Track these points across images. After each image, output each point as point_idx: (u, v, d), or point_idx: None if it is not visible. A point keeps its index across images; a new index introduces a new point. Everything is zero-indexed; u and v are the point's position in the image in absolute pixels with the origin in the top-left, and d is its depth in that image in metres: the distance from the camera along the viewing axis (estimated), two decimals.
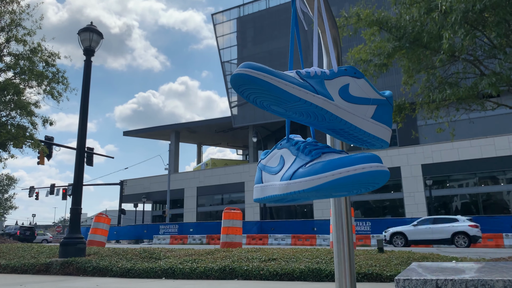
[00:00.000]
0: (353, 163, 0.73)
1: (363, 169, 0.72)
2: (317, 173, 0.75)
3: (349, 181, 0.72)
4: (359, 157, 0.74)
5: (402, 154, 26.38)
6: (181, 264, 5.27)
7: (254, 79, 0.74)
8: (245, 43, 36.53)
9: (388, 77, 24.98)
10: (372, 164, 0.72)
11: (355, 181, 0.72)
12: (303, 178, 0.77)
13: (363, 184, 0.75)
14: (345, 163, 0.74)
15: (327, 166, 0.75)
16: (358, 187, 0.77)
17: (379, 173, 0.72)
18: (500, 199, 24.89)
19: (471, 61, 8.53)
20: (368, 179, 0.72)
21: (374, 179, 0.73)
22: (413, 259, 5.09)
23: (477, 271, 1.54)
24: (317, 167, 0.77)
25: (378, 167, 0.72)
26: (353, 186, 0.75)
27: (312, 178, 0.76)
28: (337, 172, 0.73)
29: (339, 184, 0.73)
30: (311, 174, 0.76)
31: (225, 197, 34.63)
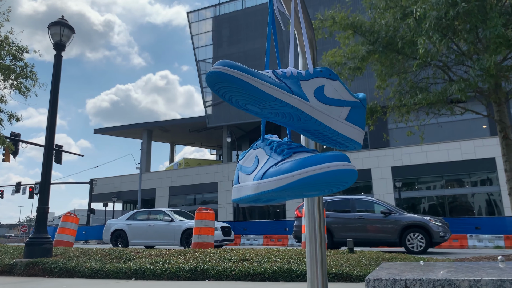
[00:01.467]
0: (319, 162, 0.72)
1: (328, 168, 0.71)
2: (285, 173, 0.75)
3: (315, 180, 0.72)
4: (326, 156, 0.73)
5: (373, 156, 26.92)
6: (151, 265, 5.19)
7: (229, 77, 0.73)
8: (220, 42, 36.40)
9: (361, 80, 25.45)
10: (337, 163, 0.72)
11: (321, 180, 0.72)
12: (272, 178, 0.77)
13: (330, 183, 0.74)
14: (311, 162, 0.73)
15: (294, 165, 0.75)
16: (326, 187, 0.76)
17: (345, 172, 0.71)
18: (465, 201, 25.77)
19: (440, 67, 8.80)
20: (334, 178, 0.71)
21: (340, 178, 0.72)
22: (382, 260, 5.19)
23: (443, 271, 1.59)
24: (285, 166, 0.76)
25: (344, 166, 0.72)
26: (320, 186, 0.74)
27: (280, 178, 0.75)
28: (303, 171, 0.72)
29: (305, 184, 0.72)
30: (279, 174, 0.76)
31: (198, 197, 34.39)
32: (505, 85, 8.62)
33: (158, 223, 12.91)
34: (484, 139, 24.56)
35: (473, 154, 24.56)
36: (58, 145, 25.59)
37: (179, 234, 12.28)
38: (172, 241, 12.36)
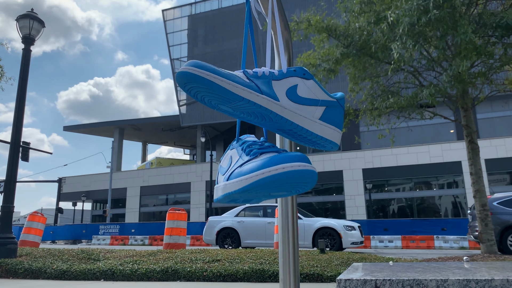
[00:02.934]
0: (277, 163, 0.72)
1: (283, 169, 0.71)
2: (246, 174, 0.75)
3: (272, 181, 0.71)
4: (285, 156, 0.73)
5: (345, 158, 27.35)
6: (121, 266, 5.09)
7: (197, 78, 0.73)
8: (195, 41, 36.16)
9: (335, 83, 25.82)
10: (294, 163, 0.71)
11: (278, 181, 0.71)
12: (236, 179, 0.77)
13: (291, 183, 0.73)
14: (271, 163, 0.73)
15: (255, 166, 0.75)
16: (288, 187, 0.76)
17: (302, 172, 0.71)
18: (432, 203, 26.53)
19: (411, 72, 9.03)
20: (291, 178, 0.71)
21: (297, 179, 0.72)
22: (353, 260, 5.27)
23: (412, 271, 1.62)
24: (248, 167, 0.76)
25: (300, 167, 0.71)
26: (280, 186, 0.74)
27: (241, 179, 0.75)
28: (260, 172, 0.72)
29: (263, 185, 0.72)
30: (242, 175, 0.76)
31: (170, 197, 34.01)
32: (472, 91, 8.93)
33: None
34: (451, 143, 25.38)
35: (440, 157, 25.33)
36: (25, 142, 24.77)
37: (310, 234, 10.52)
38: (301, 242, 10.56)
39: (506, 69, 8.66)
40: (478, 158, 8.33)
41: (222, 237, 11.52)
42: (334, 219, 11.27)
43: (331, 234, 10.41)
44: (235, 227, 11.47)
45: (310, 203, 28.98)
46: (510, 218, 9.12)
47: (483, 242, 7.92)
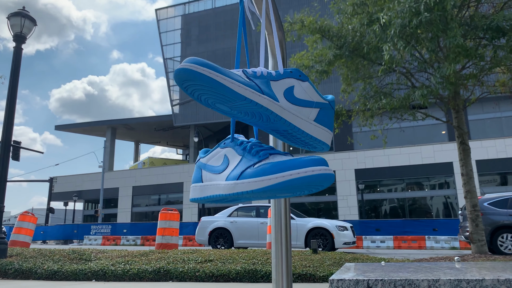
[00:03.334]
0: (303, 166, 0.75)
1: (312, 172, 0.74)
2: (267, 174, 0.76)
3: (299, 183, 0.74)
4: (308, 160, 0.75)
5: (338, 158, 27.44)
6: (113, 266, 5.06)
7: (199, 75, 0.72)
8: (189, 41, 36.07)
9: (328, 84, 25.90)
10: (320, 167, 0.75)
11: (304, 183, 0.74)
12: (253, 179, 0.77)
13: (311, 186, 0.76)
14: (294, 165, 0.75)
15: (277, 167, 0.76)
16: (304, 189, 0.79)
17: (326, 176, 0.75)
18: (424, 204, 26.72)
19: (404, 73, 9.09)
20: (315, 181, 0.74)
21: (321, 181, 0.75)
22: (345, 260, 5.29)
23: (404, 271, 1.63)
24: (267, 168, 0.77)
25: (325, 171, 0.75)
26: (300, 188, 0.77)
27: (262, 179, 0.76)
28: (288, 174, 0.74)
29: (289, 186, 0.74)
30: (261, 175, 0.77)
31: (162, 197, 33.88)
32: (463, 93, 9.01)
33: None
34: (443, 144, 25.58)
35: (432, 158, 25.51)
36: (16, 141, 24.52)
37: (303, 234, 10.52)
38: (294, 242, 10.58)
39: (497, 71, 8.75)
40: (469, 159, 8.41)
41: (214, 237, 11.46)
42: (326, 219, 11.30)
43: (324, 234, 10.45)
44: (227, 227, 11.42)
45: (302, 203, 29.04)
46: (500, 219, 9.22)
47: (473, 243, 7.99)
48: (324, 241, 10.39)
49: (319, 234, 10.48)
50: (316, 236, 10.46)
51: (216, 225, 11.56)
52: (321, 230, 10.51)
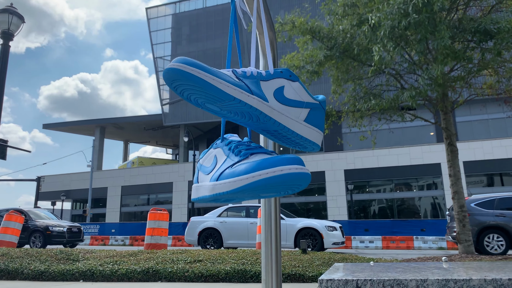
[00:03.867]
0: (273, 165, 0.73)
1: (281, 171, 0.72)
2: (239, 175, 0.75)
3: (268, 183, 0.72)
4: (281, 159, 0.74)
5: (327, 159, 27.56)
6: (101, 266, 5.02)
7: (188, 75, 0.71)
8: (179, 40, 35.92)
9: (318, 85, 26.00)
10: (291, 166, 0.73)
11: (274, 183, 0.72)
12: (228, 180, 0.77)
13: (284, 186, 0.74)
14: (267, 165, 0.73)
15: (249, 168, 0.75)
16: (280, 189, 0.77)
17: (297, 175, 0.73)
18: (412, 204, 26.96)
19: (393, 75, 9.16)
20: (288, 181, 0.72)
21: (293, 181, 0.73)
22: (334, 260, 5.31)
23: (392, 271, 1.64)
24: (240, 168, 0.76)
25: (296, 169, 0.73)
26: (274, 188, 0.75)
27: (235, 180, 0.75)
28: (257, 174, 0.73)
29: (258, 186, 0.73)
30: (234, 176, 0.76)
31: (151, 197, 33.68)
32: (452, 94, 9.12)
33: None
34: (431, 145, 25.84)
35: (420, 159, 25.76)
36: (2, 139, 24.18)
37: (292, 234, 10.53)
38: (283, 243, 10.47)
39: (484, 73, 8.87)
40: (457, 160, 8.51)
41: (204, 237, 11.41)
42: (316, 219, 11.34)
43: (313, 235, 10.49)
44: (217, 228, 11.37)
45: (292, 204, 29.11)
46: (487, 219, 9.35)
47: (460, 243, 8.09)
48: (313, 241, 10.42)
49: (308, 234, 10.50)
50: (306, 236, 10.49)
51: (205, 225, 11.50)
52: (310, 230, 10.55)
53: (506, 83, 8.80)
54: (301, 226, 10.62)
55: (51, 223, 13.74)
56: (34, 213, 14.36)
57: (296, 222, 10.78)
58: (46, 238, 13.20)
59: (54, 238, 13.29)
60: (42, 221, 13.79)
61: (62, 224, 13.81)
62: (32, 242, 13.32)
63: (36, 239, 13.33)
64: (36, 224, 13.54)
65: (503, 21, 7.01)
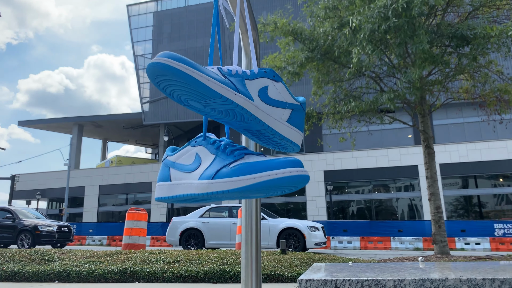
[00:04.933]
0: (281, 167, 0.75)
1: (290, 173, 0.74)
2: (244, 174, 0.76)
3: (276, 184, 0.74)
4: (285, 161, 0.76)
5: (307, 160, 27.75)
6: (77, 267, 4.92)
7: (173, 70, 0.70)
8: (161, 38, 35.57)
9: (299, 86, 26.16)
10: (297, 168, 0.75)
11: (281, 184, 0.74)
12: (229, 178, 0.77)
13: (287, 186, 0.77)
14: (273, 166, 0.75)
15: (255, 167, 0.76)
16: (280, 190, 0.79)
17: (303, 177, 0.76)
18: (390, 206, 27.40)
19: (373, 77, 9.29)
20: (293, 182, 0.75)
21: (297, 182, 0.76)
22: (313, 260, 5.35)
23: (370, 271, 1.66)
24: (244, 168, 0.77)
25: (302, 172, 0.76)
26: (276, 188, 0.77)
27: (239, 179, 0.76)
28: (266, 174, 0.74)
29: (266, 186, 0.74)
30: (238, 175, 0.76)
31: (130, 197, 33.24)
32: (429, 98, 9.30)
33: None
34: (409, 148, 26.32)
35: (398, 161, 26.21)
36: None
37: (275, 234, 10.60)
38: (266, 243, 10.62)
39: (461, 78, 9.08)
40: (434, 162, 8.69)
41: (186, 237, 11.31)
42: (298, 220, 11.39)
43: (296, 235, 10.56)
44: (199, 228, 11.27)
45: (272, 204, 29.19)
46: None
47: (436, 243, 8.25)
48: (296, 242, 10.49)
49: (291, 235, 10.56)
50: (288, 236, 10.54)
51: (187, 226, 11.40)
52: (293, 230, 10.64)
53: (481, 88, 9.03)
54: (283, 227, 10.69)
55: (40, 222, 13.24)
56: (22, 212, 13.83)
57: (279, 223, 10.84)
58: (35, 238, 12.71)
59: (44, 238, 12.80)
60: (31, 221, 13.27)
61: (52, 223, 13.36)
62: (19, 242, 12.82)
63: (24, 239, 12.83)
64: (24, 223, 13.00)
65: (479, 27, 7.20)
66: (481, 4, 8.23)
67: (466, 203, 25.94)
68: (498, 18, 8.69)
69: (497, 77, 9.00)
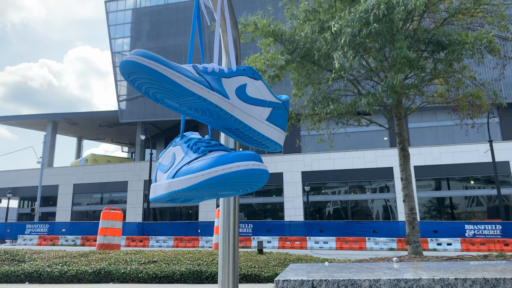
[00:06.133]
0: (229, 161, 0.71)
1: (237, 167, 0.70)
2: (196, 172, 0.73)
3: (224, 180, 0.70)
4: (238, 155, 0.72)
5: (286, 160, 27.90)
6: (49, 267, 4.79)
7: (145, 68, 0.69)
8: (139, 36, 35.11)
9: (279, 87, 26.27)
10: (248, 162, 0.71)
11: (230, 180, 0.70)
12: (183, 177, 0.74)
13: (241, 182, 0.72)
14: (224, 161, 0.71)
15: (205, 164, 0.73)
16: (238, 186, 0.75)
17: (255, 171, 0.71)
18: (365, 206, 27.82)
19: (351, 80, 9.41)
20: (243, 177, 0.70)
21: (250, 177, 0.71)
22: (290, 261, 5.37)
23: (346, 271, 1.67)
24: (197, 165, 0.74)
25: (254, 166, 0.71)
26: (231, 185, 0.73)
27: (190, 177, 0.73)
28: (213, 170, 0.71)
29: (214, 183, 0.71)
30: (191, 173, 0.74)
31: (105, 196, 32.66)
32: (405, 101, 9.49)
33: None
34: (384, 150, 26.80)
35: (374, 163, 26.65)
36: None
37: None
38: None
39: (436, 82, 9.30)
40: (409, 164, 8.86)
41: None
42: None
43: None
44: None
45: (250, 204, 29.20)
46: None
47: (410, 244, 8.42)
48: None
49: None
50: None
51: None
52: None
53: (455, 93, 9.27)
54: None
55: None
56: None
57: None
58: None
59: None
60: None
61: None
62: None
63: None
64: None
65: (454, 34, 7.39)
66: (456, 11, 8.45)
67: (439, 204, 26.60)
68: (472, 25, 8.95)
69: (470, 82, 9.25)
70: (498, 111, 24.69)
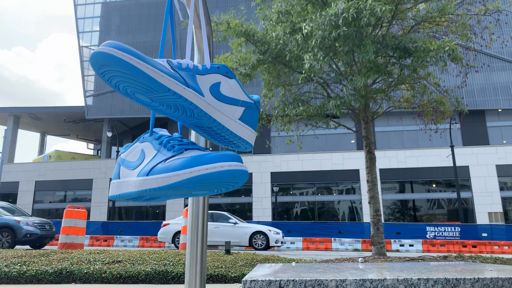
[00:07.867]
0: (212, 161, 0.70)
1: (221, 168, 0.70)
2: (176, 170, 0.71)
3: (206, 179, 0.70)
4: (219, 155, 0.71)
5: (255, 161, 27.97)
6: (6, 267, 4.59)
7: (118, 61, 0.66)
8: (108, 30, 34.28)
9: (249, 88, 26.30)
10: (230, 163, 0.71)
11: (213, 179, 0.70)
12: (161, 175, 0.72)
13: (222, 182, 0.72)
14: (204, 160, 0.71)
15: (186, 163, 0.71)
16: (216, 186, 0.74)
17: (237, 172, 0.71)
18: (332, 208, 28.28)
19: (321, 83, 9.54)
20: (225, 177, 0.70)
21: (232, 178, 0.71)
22: (257, 261, 5.38)
23: (313, 271, 1.69)
24: (176, 163, 0.72)
25: (236, 166, 0.71)
26: (211, 185, 0.72)
27: (170, 175, 0.71)
28: (195, 169, 0.70)
29: (196, 182, 0.70)
30: (169, 171, 0.72)
31: (68, 194, 31.69)
32: (373, 105, 9.71)
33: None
34: (351, 152, 27.35)
35: (341, 165, 27.15)
36: None
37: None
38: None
39: (402, 88, 9.57)
40: (375, 167, 9.06)
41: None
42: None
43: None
44: None
45: (219, 204, 29.09)
46: None
47: (374, 245, 8.62)
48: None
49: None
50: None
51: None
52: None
53: (420, 98, 9.57)
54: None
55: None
56: None
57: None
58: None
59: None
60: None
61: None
62: None
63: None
64: None
65: (420, 41, 7.63)
66: (422, 20, 8.73)
67: (402, 206, 27.39)
68: (437, 34, 9.27)
69: (435, 89, 9.58)
70: (460, 118, 25.73)
